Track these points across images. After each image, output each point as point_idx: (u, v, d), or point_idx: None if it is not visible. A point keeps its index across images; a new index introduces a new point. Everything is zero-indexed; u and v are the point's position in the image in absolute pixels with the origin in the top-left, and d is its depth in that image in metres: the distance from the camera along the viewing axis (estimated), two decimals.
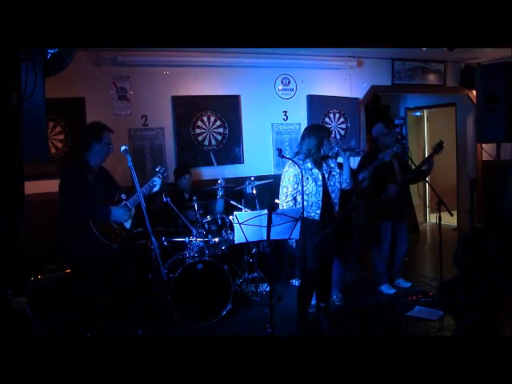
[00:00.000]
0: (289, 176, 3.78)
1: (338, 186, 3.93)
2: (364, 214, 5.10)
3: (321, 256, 3.85)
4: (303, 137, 3.90)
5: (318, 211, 3.79)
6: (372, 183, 4.64)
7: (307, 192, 3.75)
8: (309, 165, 3.80)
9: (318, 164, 3.85)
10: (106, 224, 3.49)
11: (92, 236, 3.42)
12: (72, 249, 3.55)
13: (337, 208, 3.90)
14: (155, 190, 3.73)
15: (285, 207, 3.76)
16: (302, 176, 3.66)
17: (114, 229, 3.54)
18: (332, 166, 3.95)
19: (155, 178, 3.70)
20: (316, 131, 3.86)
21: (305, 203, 3.70)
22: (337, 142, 4.36)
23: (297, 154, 3.88)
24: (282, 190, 3.81)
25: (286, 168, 3.84)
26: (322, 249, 3.81)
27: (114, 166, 4.46)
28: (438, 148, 4.78)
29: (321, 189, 3.80)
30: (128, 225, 3.63)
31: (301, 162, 3.76)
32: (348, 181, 3.94)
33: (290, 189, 3.77)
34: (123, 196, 3.63)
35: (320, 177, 3.82)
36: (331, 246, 3.91)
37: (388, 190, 4.72)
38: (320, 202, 3.80)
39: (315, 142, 3.78)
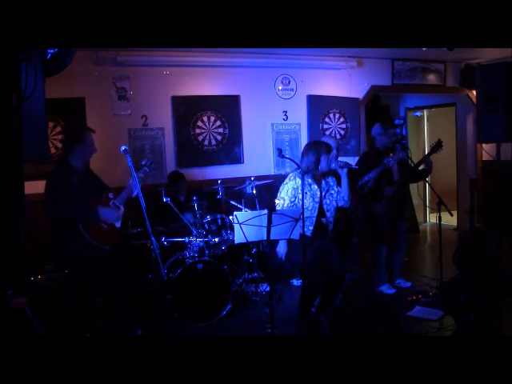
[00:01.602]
0: (287, 189, 3.81)
1: (334, 204, 3.94)
2: (364, 215, 5.10)
3: (321, 264, 3.83)
4: (302, 154, 3.95)
5: (311, 227, 3.83)
6: (370, 187, 4.66)
7: (303, 207, 3.75)
8: (309, 180, 3.83)
9: (317, 180, 3.87)
10: (95, 225, 3.48)
11: (81, 238, 3.42)
12: (62, 252, 3.56)
13: (331, 227, 3.91)
14: (142, 181, 3.71)
15: None
16: (303, 180, 3.68)
17: (104, 229, 3.53)
18: (331, 184, 3.97)
19: (141, 174, 3.68)
20: (313, 148, 3.88)
21: None
22: (337, 144, 4.38)
23: (298, 169, 3.89)
24: (279, 202, 3.84)
25: (286, 180, 3.88)
26: (321, 258, 3.80)
27: (114, 166, 4.47)
28: (436, 147, 4.78)
29: (317, 205, 3.83)
30: (118, 224, 3.61)
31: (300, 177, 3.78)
32: (346, 199, 3.96)
33: (287, 201, 3.80)
34: (110, 195, 3.63)
35: (318, 193, 3.85)
36: (334, 258, 3.88)
37: (385, 193, 4.73)
38: (314, 219, 3.82)
39: (313, 159, 3.81)
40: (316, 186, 3.85)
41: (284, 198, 3.81)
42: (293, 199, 3.80)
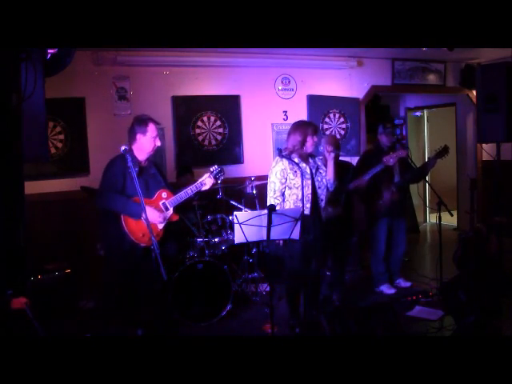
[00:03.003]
0: (275, 172, 3.79)
1: (325, 183, 3.93)
2: (364, 215, 5.11)
3: (309, 255, 3.82)
4: (289, 133, 3.91)
5: (308, 205, 3.77)
6: (370, 186, 4.65)
7: (296, 185, 3.75)
8: (296, 160, 3.81)
9: (304, 159, 3.85)
10: (136, 221, 3.45)
11: (121, 231, 3.42)
12: (103, 239, 3.64)
13: (323, 205, 3.90)
14: (204, 188, 3.72)
15: (272, 202, 3.75)
16: (302, 172, 3.69)
17: (144, 227, 3.45)
18: (319, 163, 3.96)
19: (204, 180, 3.70)
20: (300, 127, 3.86)
21: (293, 197, 3.73)
22: (336, 141, 4.38)
23: (285, 149, 3.89)
24: (270, 186, 3.82)
25: (273, 164, 3.85)
26: (311, 248, 3.79)
27: None
28: (442, 153, 4.75)
29: (309, 182, 3.79)
30: (161, 226, 3.57)
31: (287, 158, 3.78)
32: (331, 182, 3.94)
33: (278, 184, 3.77)
34: (164, 194, 3.59)
35: (308, 171, 3.82)
36: (319, 247, 3.87)
37: (383, 196, 4.73)
38: (310, 196, 3.78)
39: (299, 139, 3.79)
40: (304, 164, 3.82)
41: (274, 181, 3.78)
42: (283, 180, 3.77)
